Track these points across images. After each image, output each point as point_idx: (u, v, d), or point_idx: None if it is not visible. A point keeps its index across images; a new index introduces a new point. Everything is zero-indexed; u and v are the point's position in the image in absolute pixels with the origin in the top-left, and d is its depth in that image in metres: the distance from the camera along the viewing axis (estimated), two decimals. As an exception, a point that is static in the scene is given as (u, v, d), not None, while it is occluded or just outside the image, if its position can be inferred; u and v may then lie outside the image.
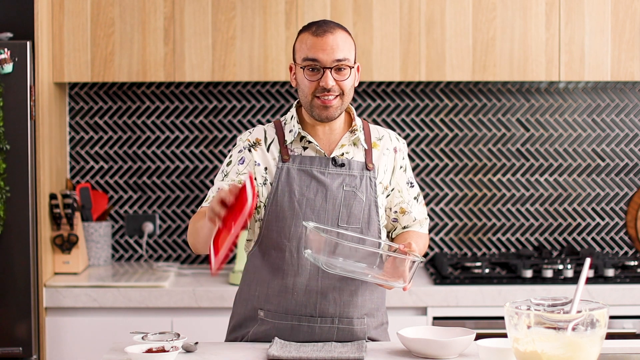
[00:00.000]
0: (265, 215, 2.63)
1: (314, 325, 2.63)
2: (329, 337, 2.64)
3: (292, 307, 2.62)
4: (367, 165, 2.67)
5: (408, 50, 3.84)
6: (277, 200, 2.63)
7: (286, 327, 2.63)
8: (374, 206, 2.65)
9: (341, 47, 2.57)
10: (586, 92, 4.21)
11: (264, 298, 2.65)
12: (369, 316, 2.68)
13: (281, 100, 4.19)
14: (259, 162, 2.66)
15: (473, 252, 4.22)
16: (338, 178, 2.64)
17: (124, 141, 4.20)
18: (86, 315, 3.69)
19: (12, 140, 3.60)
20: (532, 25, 3.85)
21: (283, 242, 2.62)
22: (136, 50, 3.84)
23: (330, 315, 2.63)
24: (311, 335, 2.63)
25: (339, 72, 2.58)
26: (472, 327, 3.59)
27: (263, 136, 2.70)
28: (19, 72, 3.60)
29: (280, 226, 2.62)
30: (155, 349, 2.43)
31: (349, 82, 2.60)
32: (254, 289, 2.68)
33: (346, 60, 2.58)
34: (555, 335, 2.09)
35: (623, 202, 4.22)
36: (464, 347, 2.47)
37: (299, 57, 2.61)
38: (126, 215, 4.22)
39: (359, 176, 2.65)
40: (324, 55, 2.56)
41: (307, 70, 2.58)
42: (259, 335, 2.67)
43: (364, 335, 2.66)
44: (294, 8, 3.83)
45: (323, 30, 2.58)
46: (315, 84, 2.58)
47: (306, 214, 2.61)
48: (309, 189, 2.62)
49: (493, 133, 4.21)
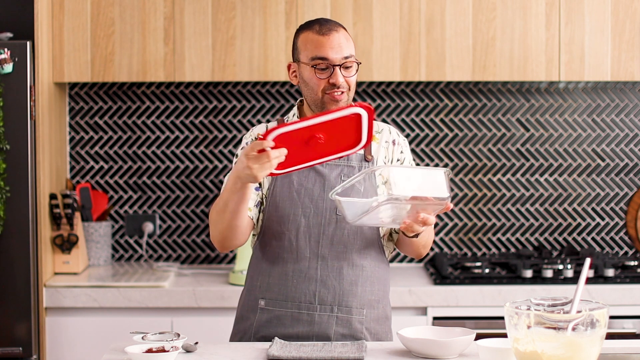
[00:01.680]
0: (266, 207, 2.69)
1: (313, 313, 2.66)
2: (328, 326, 2.66)
3: (292, 294, 2.66)
4: (365, 156, 2.72)
5: (408, 50, 3.84)
6: (276, 191, 2.69)
7: (286, 315, 2.67)
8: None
9: (346, 44, 2.65)
10: (586, 92, 4.21)
11: (265, 287, 2.70)
12: (369, 307, 2.70)
13: (281, 100, 4.19)
14: None
15: (473, 252, 4.22)
16: (336, 169, 2.70)
17: (124, 141, 4.20)
18: (86, 315, 3.69)
19: (12, 140, 3.60)
20: (532, 25, 3.85)
21: (282, 231, 2.68)
22: (136, 50, 3.84)
23: (329, 304, 2.66)
24: (310, 324, 2.66)
25: (346, 69, 2.65)
26: (472, 327, 3.59)
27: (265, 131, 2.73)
28: (19, 72, 3.60)
29: (280, 215, 2.68)
30: (155, 349, 2.43)
31: (355, 78, 2.68)
32: (256, 280, 2.73)
33: (352, 56, 2.65)
34: (555, 335, 2.09)
35: (623, 202, 4.22)
36: (464, 347, 2.47)
37: (306, 56, 2.65)
38: (126, 215, 4.21)
39: (358, 167, 2.71)
40: (333, 54, 2.62)
41: (318, 69, 2.63)
42: (262, 324, 2.69)
43: (362, 327, 2.67)
44: (294, 8, 3.83)
45: (328, 29, 2.64)
46: (325, 81, 2.64)
47: (304, 203, 2.67)
48: (307, 179, 2.69)
49: (493, 133, 4.21)
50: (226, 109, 4.20)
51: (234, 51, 3.84)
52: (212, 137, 4.19)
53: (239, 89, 4.19)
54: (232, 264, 4.22)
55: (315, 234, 2.67)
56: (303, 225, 2.67)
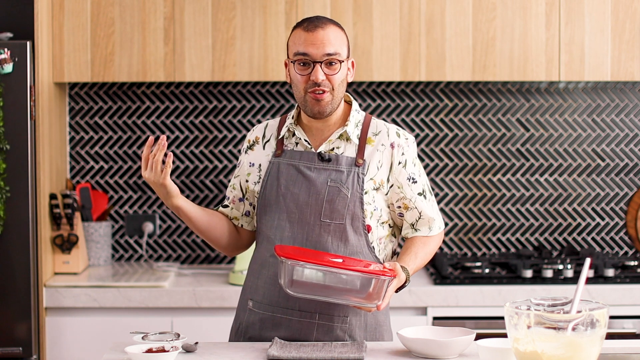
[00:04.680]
0: (257, 209, 2.72)
1: (293, 319, 2.65)
2: (309, 332, 2.64)
3: (276, 299, 2.66)
4: (356, 160, 2.67)
5: (408, 50, 3.84)
6: (265, 194, 2.70)
7: (269, 318, 2.67)
8: (359, 202, 2.65)
9: (332, 41, 2.60)
10: (586, 92, 4.21)
11: (254, 288, 2.72)
12: (354, 315, 2.67)
13: (281, 100, 4.19)
14: (253, 163, 2.75)
15: (473, 252, 4.22)
16: (324, 173, 2.66)
17: (124, 141, 4.20)
18: (86, 315, 3.69)
19: (12, 140, 3.60)
20: (532, 25, 3.85)
21: (269, 235, 2.68)
22: (136, 50, 3.84)
23: (311, 310, 2.64)
24: (290, 329, 2.65)
25: (329, 66, 2.60)
26: (472, 327, 3.59)
27: (262, 134, 2.78)
28: (19, 72, 3.60)
29: (267, 219, 2.69)
30: (155, 349, 2.43)
31: (339, 77, 2.61)
32: (248, 280, 2.76)
33: (337, 54, 2.60)
34: (555, 335, 2.09)
35: (623, 202, 4.22)
36: (464, 347, 2.47)
37: (291, 52, 2.64)
38: (126, 215, 4.22)
39: (347, 171, 2.66)
40: (314, 50, 2.59)
41: (298, 65, 2.61)
42: (249, 325, 2.71)
43: (345, 335, 2.65)
44: (294, 8, 3.83)
45: (314, 25, 2.61)
46: (306, 78, 2.60)
47: (290, 208, 2.66)
48: (294, 184, 2.66)
49: (493, 133, 4.21)
50: (226, 109, 4.20)
51: (234, 51, 3.84)
52: (212, 137, 4.19)
53: (239, 89, 4.19)
54: (232, 264, 4.22)
55: (300, 240, 2.65)
56: (287, 230, 2.66)
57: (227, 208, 2.81)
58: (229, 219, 2.80)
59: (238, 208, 2.80)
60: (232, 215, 2.80)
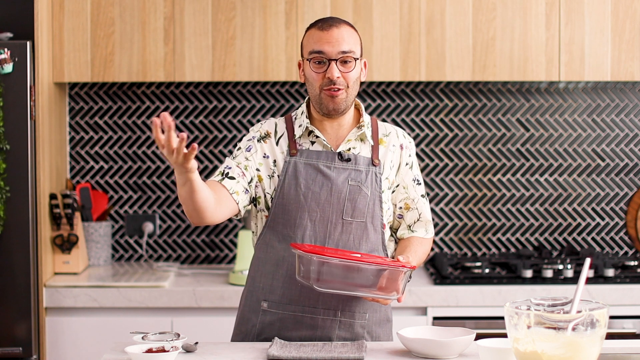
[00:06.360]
0: (272, 208, 2.69)
1: (316, 317, 2.66)
2: (331, 330, 2.66)
3: (296, 297, 2.66)
4: (373, 160, 2.72)
5: (408, 50, 3.84)
6: (283, 193, 2.69)
7: (289, 318, 2.67)
8: (378, 201, 2.70)
9: (346, 39, 2.64)
10: (586, 92, 4.21)
11: (269, 289, 2.70)
12: (372, 311, 2.71)
13: (281, 100, 4.19)
14: (268, 155, 2.73)
15: (473, 252, 4.22)
16: (344, 172, 2.69)
17: (124, 141, 4.20)
18: (86, 315, 3.69)
19: (12, 140, 3.60)
20: (532, 25, 3.85)
21: (288, 234, 2.68)
22: (136, 50, 3.84)
23: (333, 308, 2.66)
24: (313, 327, 2.66)
25: (344, 64, 2.64)
26: (472, 327, 3.59)
27: (273, 129, 2.77)
28: (19, 72, 3.60)
29: (286, 218, 2.68)
30: (155, 349, 2.43)
31: (353, 75, 2.66)
32: (259, 281, 2.73)
33: (351, 52, 2.64)
34: (555, 335, 2.09)
35: (623, 202, 4.22)
36: (464, 347, 2.47)
37: (306, 51, 2.67)
38: (126, 215, 4.21)
39: (365, 171, 2.70)
40: (329, 48, 2.63)
41: (314, 63, 2.65)
42: (265, 326, 2.70)
43: (364, 331, 2.68)
44: (294, 8, 3.83)
45: (329, 24, 2.65)
46: (322, 76, 2.64)
47: (311, 207, 2.66)
48: (314, 183, 2.68)
49: (493, 133, 4.21)
50: (226, 109, 4.20)
51: (234, 51, 3.84)
52: (212, 137, 4.19)
53: (239, 89, 4.19)
54: (232, 264, 4.22)
55: (322, 238, 2.67)
56: (309, 229, 2.67)
57: (232, 180, 2.68)
58: (230, 193, 2.67)
59: (243, 184, 2.68)
60: (234, 189, 2.67)
